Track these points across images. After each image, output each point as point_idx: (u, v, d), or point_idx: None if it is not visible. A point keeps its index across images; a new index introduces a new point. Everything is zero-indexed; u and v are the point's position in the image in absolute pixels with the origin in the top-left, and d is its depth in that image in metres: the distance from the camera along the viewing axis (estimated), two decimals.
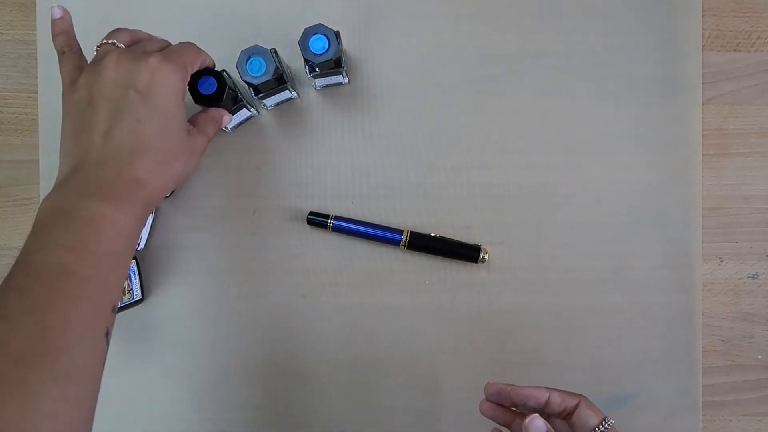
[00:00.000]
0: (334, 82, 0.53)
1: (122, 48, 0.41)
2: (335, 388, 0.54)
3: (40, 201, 0.53)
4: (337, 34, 0.47)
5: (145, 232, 0.52)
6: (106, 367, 0.54)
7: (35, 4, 0.54)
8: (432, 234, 0.53)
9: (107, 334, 0.36)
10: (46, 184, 0.54)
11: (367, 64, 0.54)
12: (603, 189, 0.54)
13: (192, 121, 0.46)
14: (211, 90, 0.46)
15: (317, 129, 0.54)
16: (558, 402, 0.43)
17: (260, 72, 0.46)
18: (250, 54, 0.46)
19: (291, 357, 0.54)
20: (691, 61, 0.54)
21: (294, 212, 0.54)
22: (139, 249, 0.52)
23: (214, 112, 0.48)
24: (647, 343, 0.54)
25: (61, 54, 0.43)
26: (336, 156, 0.54)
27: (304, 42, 0.47)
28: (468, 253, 0.53)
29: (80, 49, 0.43)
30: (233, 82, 0.49)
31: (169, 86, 0.40)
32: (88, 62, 0.42)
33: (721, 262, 0.55)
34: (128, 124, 0.38)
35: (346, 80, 0.53)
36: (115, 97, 0.39)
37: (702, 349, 0.54)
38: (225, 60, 0.48)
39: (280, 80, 0.49)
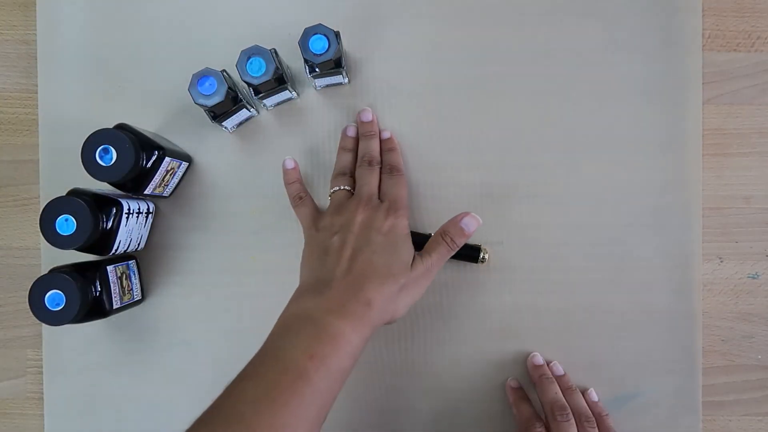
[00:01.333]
0: (334, 82, 0.53)
1: (358, 198, 0.49)
2: None
3: (41, 202, 0.53)
4: (337, 34, 0.47)
5: (145, 232, 0.52)
6: (107, 366, 0.54)
7: (35, 4, 0.54)
8: (432, 234, 0.53)
9: None
10: (46, 184, 0.54)
11: (367, 64, 0.54)
12: (603, 189, 0.54)
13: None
14: (211, 90, 0.46)
15: (317, 129, 0.54)
16: None
17: (260, 72, 0.46)
18: (250, 54, 0.46)
19: None
20: (691, 61, 0.54)
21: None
22: (139, 249, 0.52)
23: (448, 227, 0.49)
24: (647, 343, 0.54)
25: (298, 199, 0.52)
26: (336, 156, 0.54)
27: (304, 42, 0.47)
28: (468, 253, 0.53)
29: (310, 194, 0.52)
30: (233, 82, 0.49)
31: (402, 228, 0.49)
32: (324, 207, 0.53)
33: (721, 262, 0.55)
34: (366, 254, 0.46)
35: (346, 80, 0.53)
36: (361, 234, 0.47)
37: (702, 349, 0.54)
38: (225, 60, 0.48)
39: (280, 80, 0.49)
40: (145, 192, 0.48)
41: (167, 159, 0.48)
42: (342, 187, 0.51)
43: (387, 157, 0.53)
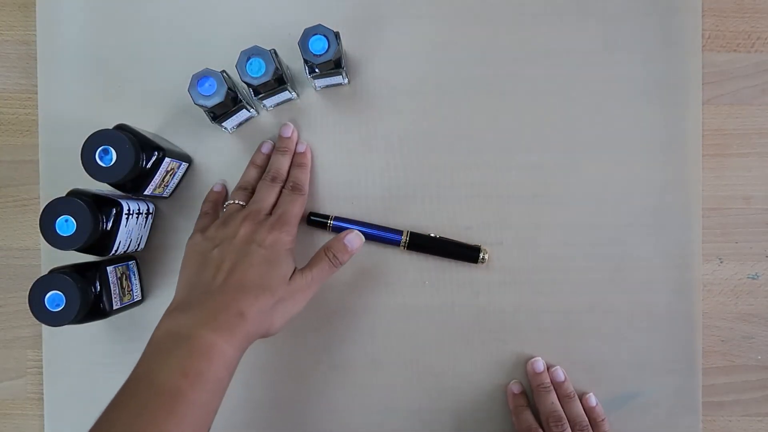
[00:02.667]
0: (334, 82, 0.53)
1: (247, 211, 0.49)
2: (334, 389, 0.54)
3: (41, 202, 0.53)
4: (336, 35, 0.47)
5: (145, 233, 0.52)
6: (107, 366, 0.54)
7: (35, 5, 0.54)
8: (432, 234, 0.53)
9: None
10: (46, 185, 0.54)
11: (367, 65, 0.54)
12: (603, 189, 0.54)
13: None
14: (211, 90, 0.46)
15: (317, 129, 0.54)
16: None
17: (260, 73, 0.46)
18: (249, 55, 0.46)
19: (290, 357, 0.54)
20: (691, 61, 0.54)
21: None
22: (139, 249, 0.52)
23: (331, 243, 0.48)
24: (647, 343, 0.54)
25: (204, 213, 0.52)
26: (336, 156, 0.54)
27: (303, 42, 0.47)
28: (468, 253, 0.53)
29: (218, 214, 0.52)
30: (233, 82, 0.49)
31: (284, 243, 0.47)
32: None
33: (721, 262, 0.55)
34: (244, 267, 0.45)
35: (346, 81, 0.53)
36: (240, 248, 0.46)
37: (702, 349, 0.54)
38: (225, 61, 0.48)
39: (279, 81, 0.49)
40: (145, 192, 0.48)
41: (167, 159, 0.48)
42: (236, 201, 0.50)
43: (293, 173, 0.52)
